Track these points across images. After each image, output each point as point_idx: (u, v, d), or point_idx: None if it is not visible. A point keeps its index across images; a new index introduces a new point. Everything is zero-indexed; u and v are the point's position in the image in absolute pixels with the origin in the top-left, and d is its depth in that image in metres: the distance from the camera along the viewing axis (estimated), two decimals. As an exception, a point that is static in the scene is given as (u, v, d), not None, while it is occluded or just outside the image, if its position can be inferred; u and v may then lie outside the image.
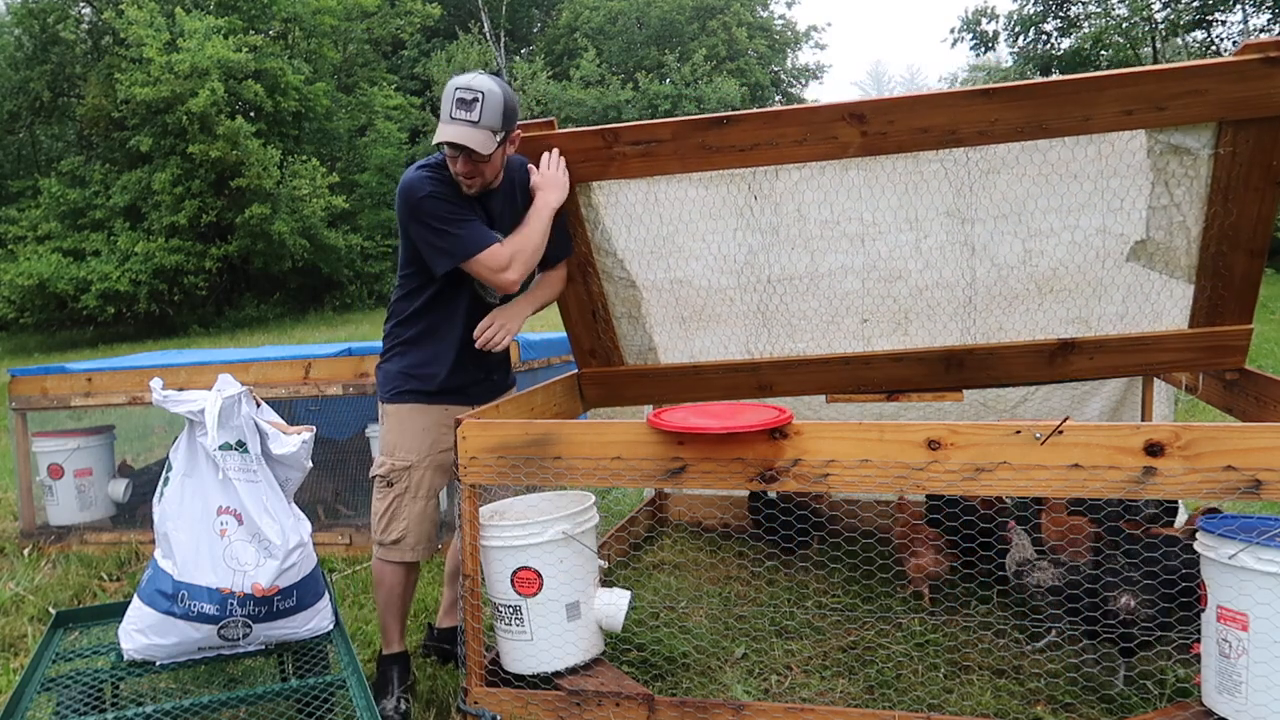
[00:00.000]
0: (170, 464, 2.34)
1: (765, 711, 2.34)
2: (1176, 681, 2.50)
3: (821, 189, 2.79)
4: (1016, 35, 21.12)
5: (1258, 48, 2.38)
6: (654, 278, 3.07)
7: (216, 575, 2.22)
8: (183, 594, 2.21)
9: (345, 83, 24.49)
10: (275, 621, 2.30)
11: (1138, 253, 2.77)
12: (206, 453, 2.28)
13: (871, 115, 2.61)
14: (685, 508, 4.26)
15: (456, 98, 2.41)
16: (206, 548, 2.23)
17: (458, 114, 2.40)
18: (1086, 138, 2.58)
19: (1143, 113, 2.50)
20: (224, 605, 2.21)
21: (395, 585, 2.73)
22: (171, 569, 2.24)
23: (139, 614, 2.26)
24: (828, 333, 3.06)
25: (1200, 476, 2.03)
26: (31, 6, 21.11)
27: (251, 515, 2.26)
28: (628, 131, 2.76)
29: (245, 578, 2.23)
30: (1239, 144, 2.52)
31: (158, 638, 2.23)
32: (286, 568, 2.26)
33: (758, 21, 34.08)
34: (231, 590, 2.22)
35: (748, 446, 2.30)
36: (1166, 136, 2.56)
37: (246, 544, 2.25)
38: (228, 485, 2.27)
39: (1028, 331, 2.93)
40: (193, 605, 2.20)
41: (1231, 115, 2.47)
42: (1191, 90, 2.44)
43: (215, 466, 2.28)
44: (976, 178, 2.70)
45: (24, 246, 19.46)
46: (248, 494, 2.27)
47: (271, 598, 2.26)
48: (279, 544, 2.25)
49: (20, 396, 4.58)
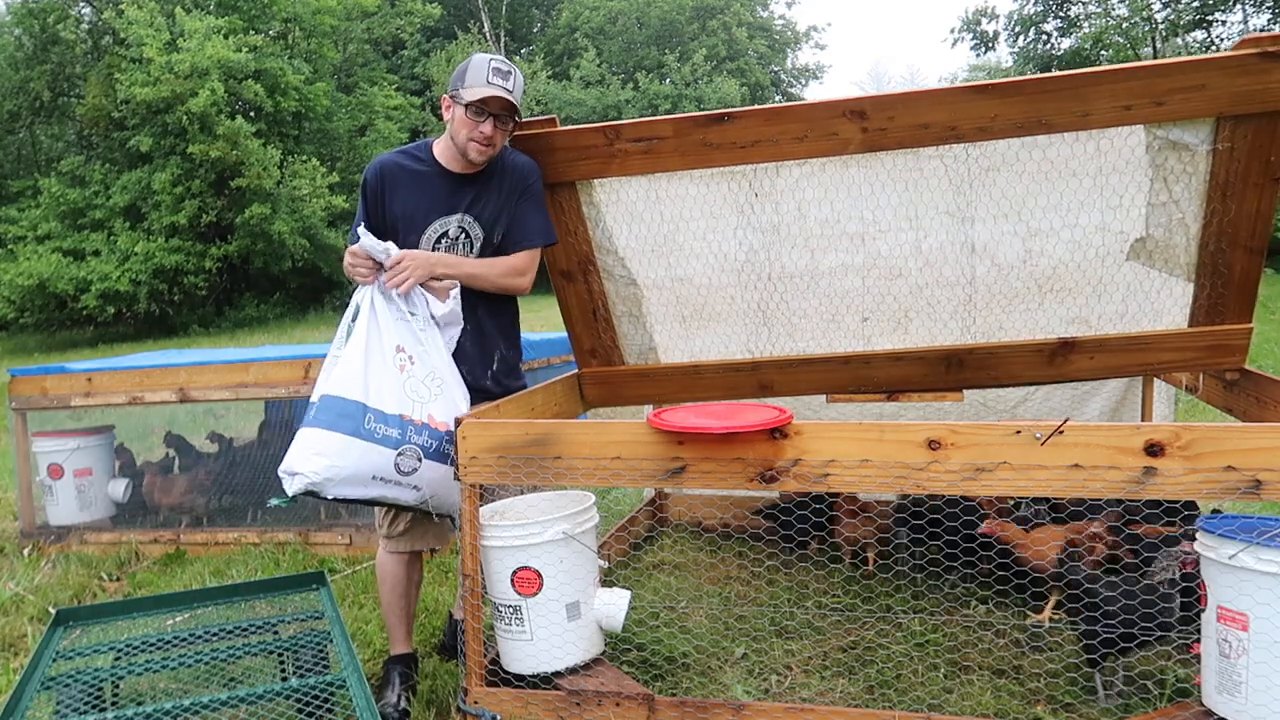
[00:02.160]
0: (353, 320, 2.48)
1: (765, 711, 2.34)
2: (1176, 681, 2.50)
3: (822, 186, 2.79)
4: (1016, 35, 21.15)
5: (1255, 42, 2.38)
6: (655, 276, 3.07)
7: (398, 403, 2.39)
8: (370, 417, 2.34)
9: (345, 83, 24.49)
10: (439, 464, 2.45)
11: (1137, 250, 2.76)
12: (389, 297, 2.48)
13: (872, 111, 2.61)
14: (685, 508, 4.26)
15: (493, 67, 2.55)
16: (389, 379, 2.40)
17: (495, 79, 2.54)
18: (1086, 134, 2.58)
19: (1141, 108, 2.50)
20: (404, 430, 2.37)
21: (399, 580, 2.74)
22: (359, 394, 2.35)
23: (316, 439, 2.31)
24: (828, 331, 3.06)
25: (1200, 477, 2.03)
26: (31, 6, 21.12)
27: (427, 360, 2.47)
28: (629, 128, 2.77)
29: (423, 408, 2.41)
30: (1237, 139, 2.52)
31: (339, 461, 2.30)
32: (456, 412, 2.45)
33: (758, 21, 34.11)
34: (410, 418, 2.39)
35: (748, 446, 2.29)
36: (1165, 132, 2.56)
37: (421, 382, 2.43)
38: (407, 328, 2.47)
39: (1028, 330, 2.93)
40: (378, 428, 2.34)
41: (1230, 110, 2.47)
42: (1190, 85, 2.45)
43: (398, 309, 2.48)
44: (977, 175, 2.70)
45: (24, 246, 19.48)
46: (423, 343, 2.48)
47: (442, 434, 2.44)
48: (455, 392, 2.47)
49: (20, 396, 4.58)
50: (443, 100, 2.67)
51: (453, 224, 2.67)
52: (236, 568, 4.05)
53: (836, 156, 2.72)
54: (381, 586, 2.78)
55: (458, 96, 2.57)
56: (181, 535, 4.43)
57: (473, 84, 2.55)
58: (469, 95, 2.54)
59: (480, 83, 2.54)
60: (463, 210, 2.67)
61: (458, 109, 2.58)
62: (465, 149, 2.60)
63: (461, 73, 2.60)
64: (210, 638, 2.50)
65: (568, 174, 2.87)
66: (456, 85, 2.59)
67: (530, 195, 2.74)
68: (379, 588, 2.81)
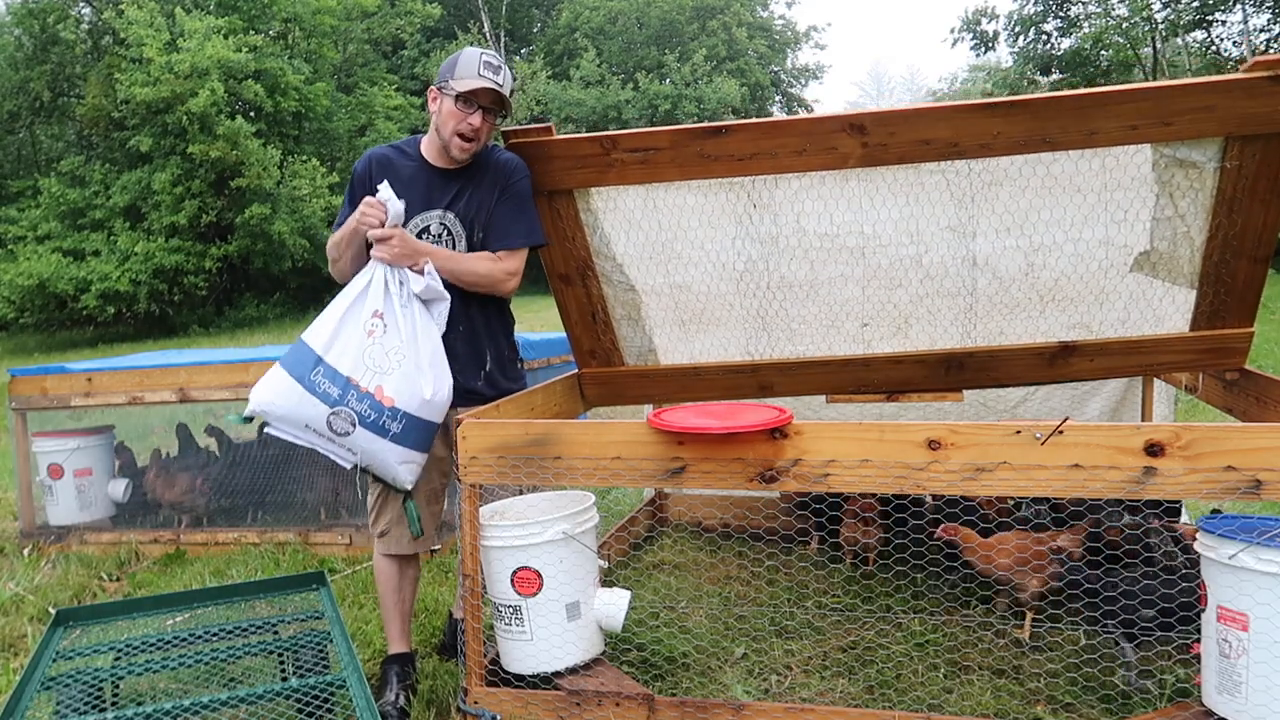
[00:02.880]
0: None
1: (765, 711, 2.34)
2: (1176, 681, 2.50)
3: (821, 199, 2.78)
4: (1016, 35, 21.13)
5: (1266, 65, 2.36)
6: (653, 282, 3.06)
7: (352, 365, 2.41)
8: (319, 370, 2.41)
9: (345, 83, 24.49)
10: (375, 436, 2.42)
11: (1141, 263, 2.75)
12: (381, 267, 2.50)
13: (872, 127, 2.59)
14: (685, 508, 4.26)
15: (484, 60, 2.56)
16: (354, 341, 2.44)
17: (486, 73, 2.54)
18: (1091, 151, 2.56)
19: (1148, 128, 2.48)
20: (345, 392, 2.39)
21: (391, 579, 2.75)
22: (320, 347, 2.43)
23: (275, 376, 2.43)
24: (827, 336, 3.05)
25: (1200, 477, 2.03)
26: (31, 6, 21.12)
27: (400, 333, 2.45)
28: (626, 139, 2.75)
29: (375, 378, 2.41)
30: (1245, 158, 2.51)
31: (279, 399, 2.39)
32: (412, 394, 2.43)
33: (758, 22, 34.09)
34: (357, 382, 2.40)
35: (748, 446, 2.29)
36: (1172, 151, 2.54)
37: (385, 353, 2.43)
38: (388, 298, 2.48)
39: (1029, 336, 2.92)
40: (322, 382, 2.39)
41: (1239, 130, 2.46)
42: (1199, 106, 2.43)
43: (385, 279, 2.49)
44: (979, 189, 2.68)
45: (24, 246, 19.48)
46: (403, 317, 2.47)
47: (384, 408, 2.42)
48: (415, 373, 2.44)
49: (20, 396, 4.58)
50: (430, 92, 2.65)
51: (434, 220, 2.66)
52: (236, 568, 4.05)
53: (836, 170, 2.70)
54: (377, 585, 2.80)
55: (446, 88, 2.56)
56: (181, 535, 4.43)
57: (463, 75, 2.54)
58: (459, 86, 2.53)
59: (471, 74, 2.54)
60: (443, 207, 2.66)
61: (446, 100, 2.58)
62: (449, 143, 2.59)
63: (451, 65, 2.59)
64: (210, 638, 2.50)
65: (564, 182, 2.85)
66: (445, 77, 2.58)
67: (512, 194, 2.69)
68: (377, 586, 2.82)
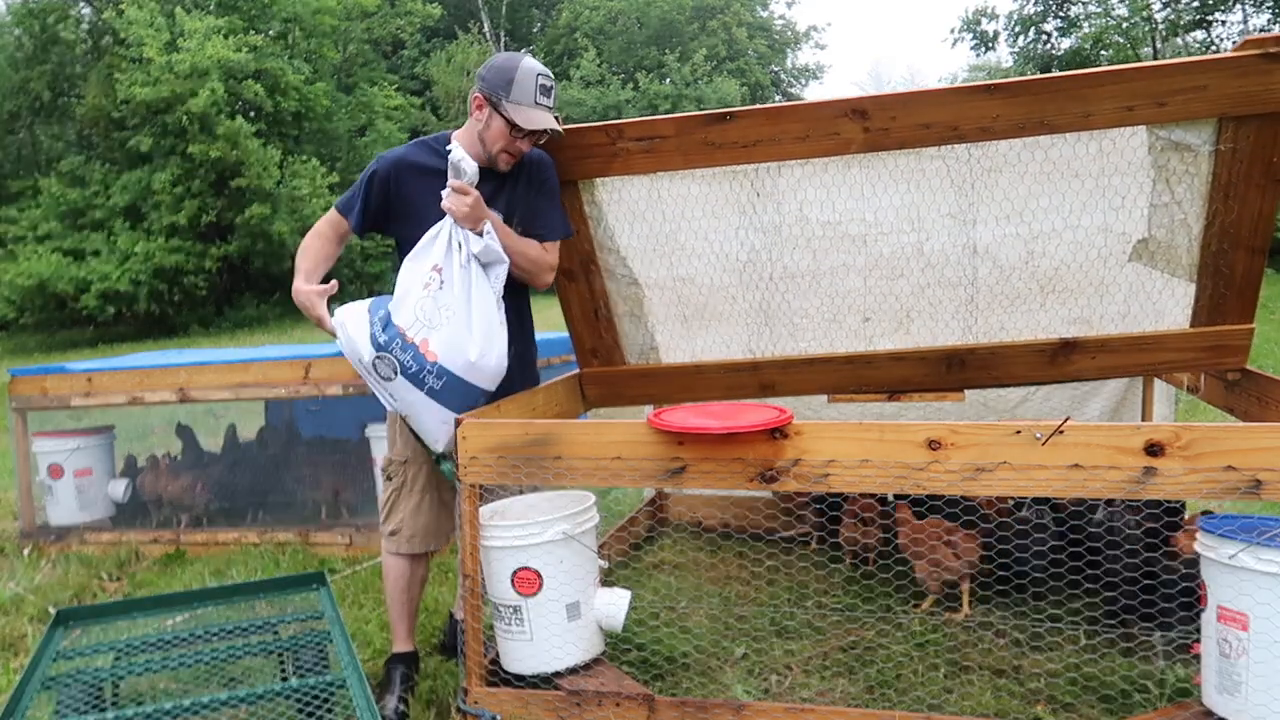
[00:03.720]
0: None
1: (765, 711, 2.34)
2: (1176, 681, 2.50)
3: (824, 186, 2.79)
4: (1016, 35, 21.15)
5: (1257, 43, 2.38)
6: (656, 275, 3.07)
7: (406, 316, 2.45)
8: (382, 313, 2.47)
9: (345, 83, 24.48)
10: (412, 387, 2.44)
11: (1139, 251, 2.76)
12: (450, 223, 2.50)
13: (874, 111, 2.61)
14: (685, 508, 4.26)
15: (540, 84, 2.51)
16: (415, 293, 2.47)
17: (542, 100, 2.52)
18: (1088, 134, 2.58)
19: (1143, 108, 2.50)
20: (391, 340, 2.43)
21: (399, 577, 2.75)
22: (397, 292, 2.49)
23: (361, 310, 2.52)
24: (829, 331, 3.06)
25: (1201, 477, 2.03)
26: (31, 6, 21.11)
27: (454, 291, 2.45)
28: (631, 128, 2.77)
29: (423, 330, 2.43)
30: (1239, 140, 2.52)
31: (350, 330, 2.49)
32: (457, 352, 2.44)
33: (758, 21, 34.11)
34: (404, 332, 2.43)
35: (748, 446, 2.29)
36: (1167, 133, 2.56)
37: (437, 308, 2.45)
38: (450, 254, 2.48)
39: (1029, 330, 2.93)
40: (377, 324, 2.45)
41: (1232, 111, 2.47)
42: (1192, 86, 2.45)
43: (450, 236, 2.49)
44: (979, 175, 2.70)
45: (24, 246, 19.46)
46: (459, 276, 2.47)
47: (427, 362, 2.43)
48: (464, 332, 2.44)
49: (20, 396, 4.58)
50: (475, 97, 2.56)
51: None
52: (236, 568, 4.05)
53: (838, 156, 2.71)
54: (384, 582, 2.81)
55: (501, 107, 2.48)
56: (181, 535, 4.43)
57: (520, 100, 2.47)
58: (515, 115, 2.46)
59: (528, 102, 2.47)
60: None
61: (497, 120, 2.51)
62: (495, 160, 2.57)
63: (505, 79, 2.48)
64: (210, 638, 2.50)
65: (570, 173, 2.87)
66: (499, 92, 2.48)
67: (548, 190, 2.72)
68: (384, 584, 2.82)
